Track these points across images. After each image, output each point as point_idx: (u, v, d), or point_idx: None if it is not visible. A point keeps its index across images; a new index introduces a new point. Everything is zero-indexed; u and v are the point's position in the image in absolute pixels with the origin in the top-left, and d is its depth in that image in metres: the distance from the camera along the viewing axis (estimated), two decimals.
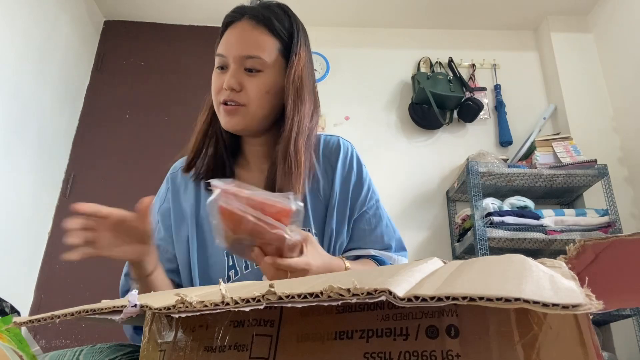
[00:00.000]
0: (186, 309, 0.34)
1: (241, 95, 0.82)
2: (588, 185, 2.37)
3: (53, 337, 2.31)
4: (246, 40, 0.83)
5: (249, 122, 0.84)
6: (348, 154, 0.95)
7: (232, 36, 0.85)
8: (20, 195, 2.29)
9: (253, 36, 0.84)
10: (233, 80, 0.82)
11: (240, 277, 0.85)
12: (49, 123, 2.49)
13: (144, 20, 2.99)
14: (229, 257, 0.86)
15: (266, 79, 0.84)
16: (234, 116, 0.83)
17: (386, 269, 0.46)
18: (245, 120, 0.84)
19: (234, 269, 0.86)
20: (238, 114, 0.83)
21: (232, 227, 0.64)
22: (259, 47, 0.83)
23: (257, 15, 0.85)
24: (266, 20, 0.85)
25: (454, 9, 2.84)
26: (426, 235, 2.50)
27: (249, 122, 0.84)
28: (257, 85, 0.83)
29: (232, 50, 0.83)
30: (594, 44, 2.81)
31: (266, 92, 0.84)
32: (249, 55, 0.82)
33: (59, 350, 0.57)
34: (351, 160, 0.94)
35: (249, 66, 0.83)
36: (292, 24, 0.88)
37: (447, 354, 0.33)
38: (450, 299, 0.27)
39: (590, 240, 0.39)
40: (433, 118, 2.64)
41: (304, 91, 0.86)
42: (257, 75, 0.83)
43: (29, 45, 2.33)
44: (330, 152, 0.94)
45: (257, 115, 0.84)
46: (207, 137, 0.91)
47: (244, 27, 0.84)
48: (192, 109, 3.32)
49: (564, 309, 0.24)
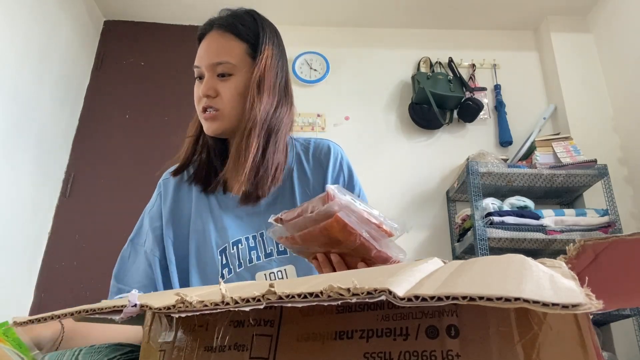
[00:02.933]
0: (186, 308, 0.34)
1: (217, 101, 0.88)
2: (588, 185, 2.37)
3: None
4: (214, 48, 0.89)
5: (227, 125, 0.89)
6: (338, 157, 0.98)
7: (203, 47, 0.91)
8: (20, 195, 2.29)
9: (220, 43, 0.89)
10: (206, 87, 0.87)
11: (234, 275, 0.87)
12: (49, 123, 2.49)
13: (144, 20, 2.99)
14: (222, 255, 0.88)
15: (237, 81, 0.88)
16: (213, 122, 0.88)
17: (386, 269, 0.46)
18: (224, 124, 0.88)
19: (228, 267, 0.88)
20: (217, 119, 0.88)
21: (331, 235, 0.62)
22: (226, 52, 0.88)
23: (223, 24, 0.90)
24: (231, 27, 0.90)
25: (454, 9, 2.84)
26: (426, 235, 2.50)
27: (227, 125, 0.89)
28: (229, 88, 0.88)
29: (204, 60, 0.89)
30: (594, 44, 2.81)
31: (238, 94, 0.88)
32: (219, 62, 0.88)
33: (58, 351, 0.57)
34: (341, 163, 0.98)
35: (220, 71, 0.88)
36: (257, 26, 0.92)
37: (447, 354, 0.33)
38: (450, 299, 0.27)
39: (590, 240, 0.39)
40: (433, 118, 2.64)
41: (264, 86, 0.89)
42: (228, 79, 0.88)
43: (29, 45, 2.33)
44: (320, 154, 0.97)
45: (232, 116, 0.88)
46: (197, 143, 0.96)
47: (213, 37, 0.90)
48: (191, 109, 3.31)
49: (564, 309, 0.24)
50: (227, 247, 0.89)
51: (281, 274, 0.86)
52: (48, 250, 2.48)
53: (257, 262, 0.87)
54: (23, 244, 2.33)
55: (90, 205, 2.57)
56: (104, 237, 2.48)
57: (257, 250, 0.88)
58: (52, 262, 2.45)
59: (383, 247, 0.63)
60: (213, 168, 0.95)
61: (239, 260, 0.87)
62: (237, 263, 0.87)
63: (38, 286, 2.40)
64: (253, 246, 0.89)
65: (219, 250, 0.88)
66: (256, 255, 0.88)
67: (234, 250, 0.88)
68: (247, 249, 0.88)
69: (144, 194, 2.94)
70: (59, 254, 2.47)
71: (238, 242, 0.89)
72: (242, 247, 0.88)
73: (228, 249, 0.88)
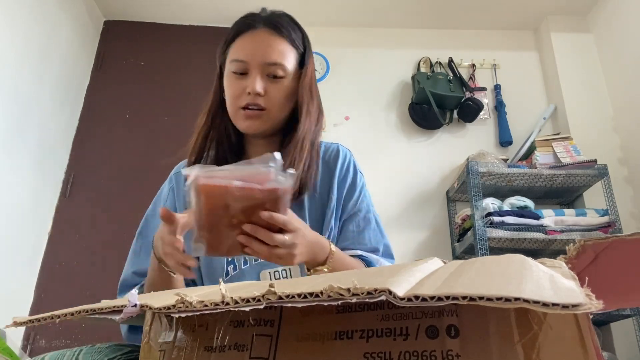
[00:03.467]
0: (186, 308, 0.34)
1: (265, 100, 0.87)
2: (588, 185, 2.37)
3: (53, 337, 2.31)
4: (270, 48, 0.88)
5: (269, 125, 0.89)
6: (346, 159, 0.99)
7: (252, 43, 0.88)
8: (20, 195, 2.29)
9: (276, 44, 0.88)
10: (260, 84, 0.86)
11: (238, 272, 0.87)
12: (49, 123, 2.49)
13: (144, 20, 2.99)
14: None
15: (286, 85, 0.89)
16: (256, 120, 0.87)
17: (386, 269, 0.46)
18: (267, 124, 0.89)
19: (233, 264, 0.88)
20: (260, 118, 0.87)
21: (216, 206, 0.60)
22: (281, 55, 0.88)
23: (274, 25, 0.89)
24: (284, 31, 0.90)
25: (454, 9, 2.84)
26: (426, 235, 2.50)
27: (269, 126, 0.89)
28: (279, 90, 0.88)
29: (255, 57, 0.87)
30: (594, 44, 2.81)
31: (285, 97, 0.89)
32: (273, 63, 0.87)
33: (58, 351, 0.57)
34: (348, 165, 0.99)
35: (272, 72, 0.87)
36: (303, 35, 0.94)
37: (447, 354, 0.33)
38: (450, 299, 0.27)
39: (590, 240, 0.39)
40: (433, 118, 2.64)
41: (314, 96, 0.93)
42: (279, 81, 0.88)
43: (29, 45, 2.33)
44: (329, 158, 0.98)
45: (277, 118, 0.90)
46: (208, 139, 0.94)
47: (264, 36, 0.88)
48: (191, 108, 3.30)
49: (564, 309, 0.24)
50: None
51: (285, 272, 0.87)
52: (48, 250, 2.48)
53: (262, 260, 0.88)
54: (23, 244, 2.33)
55: (90, 205, 2.57)
56: (104, 237, 2.48)
57: None
58: (52, 262, 2.45)
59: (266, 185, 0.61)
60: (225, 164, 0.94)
61: (244, 258, 0.88)
62: (242, 260, 0.88)
63: (38, 286, 2.40)
64: None
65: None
66: None
67: None
68: None
69: (144, 193, 2.93)
70: (59, 254, 2.47)
71: None
72: None
73: None
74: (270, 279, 0.87)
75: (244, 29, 0.90)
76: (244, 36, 0.89)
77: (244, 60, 0.87)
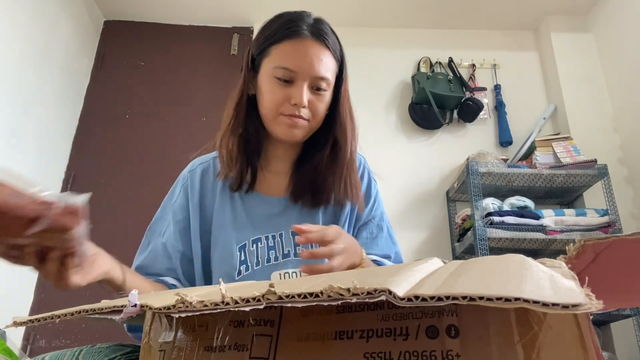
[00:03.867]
0: (186, 308, 0.34)
1: (306, 111, 0.88)
2: (588, 185, 2.37)
3: (53, 337, 2.31)
4: (319, 62, 0.88)
5: (306, 135, 0.91)
6: (361, 167, 1.02)
7: (302, 53, 0.87)
8: None
9: (324, 57, 0.89)
10: (306, 97, 0.87)
11: (250, 272, 0.88)
12: (49, 123, 2.49)
13: (144, 20, 2.99)
14: (241, 252, 0.90)
15: (327, 98, 0.91)
16: (296, 128, 0.89)
17: (386, 269, 0.46)
18: (305, 133, 0.90)
19: (245, 264, 0.89)
20: (300, 127, 0.89)
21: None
22: (328, 69, 0.89)
23: (321, 36, 0.89)
24: (329, 42, 0.90)
25: (454, 9, 2.84)
26: (426, 235, 2.50)
27: (306, 135, 0.91)
28: (322, 103, 0.90)
29: (304, 69, 0.86)
30: (594, 44, 2.81)
31: (325, 109, 0.91)
32: (322, 77, 0.88)
33: (59, 351, 0.57)
34: (363, 172, 1.02)
35: (318, 85, 0.88)
36: (340, 45, 0.95)
37: (447, 353, 0.33)
38: (450, 299, 0.27)
39: (590, 240, 0.39)
40: (433, 118, 2.64)
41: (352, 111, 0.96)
42: (322, 94, 0.89)
43: (29, 45, 2.33)
44: None
45: (314, 129, 0.92)
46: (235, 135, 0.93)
47: (312, 47, 0.88)
48: (191, 108, 3.30)
49: (564, 309, 0.24)
50: (247, 245, 0.90)
51: (296, 274, 0.88)
52: None
53: (275, 261, 0.90)
54: None
55: (90, 205, 2.56)
56: (104, 237, 2.48)
57: (275, 250, 0.90)
58: None
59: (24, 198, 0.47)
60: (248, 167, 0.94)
61: (257, 258, 0.89)
62: (255, 261, 0.89)
63: (38, 286, 2.40)
64: (272, 246, 0.91)
65: (239, 246, 0.90)
66: (274, 255, 0.90)
67: (253, 248, 0.90)
68: (266, 248, 0.90)
69: (144, 193, 2.93)
70: None
71: (258, 240, 0.91)
72: (262, 246, 0.90)
73: (247, 246, 0.90)
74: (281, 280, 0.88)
75: (291, 35, 0.88)
76: (292, 43, 0.87)
77: (292, 70, 0.86)
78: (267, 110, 0.89)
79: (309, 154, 0.95)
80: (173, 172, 1.04)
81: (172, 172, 1.06)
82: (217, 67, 2.85)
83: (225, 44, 2.91)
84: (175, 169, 1.06)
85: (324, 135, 0.94)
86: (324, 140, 0.94)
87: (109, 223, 2.51)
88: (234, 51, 2.88)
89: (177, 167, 1.05)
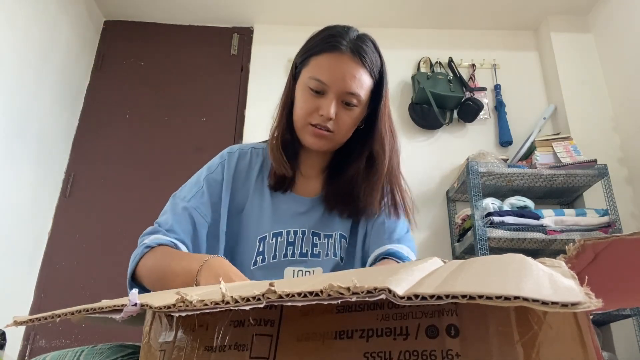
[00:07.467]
0: (186, 307, 0.34)
1: (333, 125, 0.90)
2: (588, 185, 2.37)
3: (53, 337, 2.31)
4: (352, 78, 0.89)
5: (331, 147, 0.94)
6: None
7: (336, 68, 0.89)
8: (20, 195, 2.29)
9: (358, 74, 0.90)
10: (333, 111, 0.89)
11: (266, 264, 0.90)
12: (49, 123, 2.49)
13: (144, 20, 2.99)
14: (260, 243, 0.92)
15: (356, 114, 0.92)
16: (321, 139, 0.91)
17: (386, 269, 0.46)
18: (329, 145, 0.93)
19: (262, 255, 0.91)
20: (326, 139, 0.92)
21: None
22: (360, 85, 0.90)
23: (359, 52, 0.91)
24: (366, 60, 0.91)
25: (454, 9, 2.84)
26: (426, 235, 2.50)
27: (331, 147, 0.94)
28: (350, 118, 0.91)
29: (337, 84, 0.88)
30: (594, 44, 2.81)
31: (353, 124, 0.93)
32: (352, 93, 0.89)
33: (60, 351, 0.57)
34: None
35: (348, 100, 0.90)
36: (382, 63, 0.96)
37: (447, 353, 0.33)
38: (450, 298, 0.27)
39: (590, 240, 0.39)
40: (433, 118, 2.64)
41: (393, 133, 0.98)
42: (351, 109, 0.91)
43: (29, 45, 2.33)
44: None
45: (340, 142, 0.95)
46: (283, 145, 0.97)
47: (348, 63, 0.89)
48: (191, 108, 3.31)
49: (564, 307, 0.24)
50: (267, 237, 0.92)
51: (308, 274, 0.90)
52: (48, 250, 2.48)
53: (292, 257, 0.91)
54: (23, 244, 2.33)
55: (90, 205, 2.57)
56: (104, 237, 2.48)
57: (294, 246, 0.92)
58: (52, 262, 2.45)
59: None
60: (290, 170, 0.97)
61: (275, 252, 0.91)
62: (272, 254, 0.91)
63: (38, 286, 2.40)
64: (292, 241, 0.92)
65: (259, 237, 0.92)
66: (291, 252, 0.92)
67: (272, 241, 0.92)
68: (285, 243, 0.92)
69: (144, 193, 2.93)
70: (59, 254, 2.47)
71: (278, 234, 0.93)
72: (281, 241, 0.92)
73: (267, 238, 0.92)
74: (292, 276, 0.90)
75: (329, 49, 0.90)
76: (329, 56, 0.90)
77: (324, 83, 0.89)
78: (298, 118, 0.93)
79: (342, 163, 0.99)
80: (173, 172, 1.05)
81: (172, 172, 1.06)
82: (217, 67, 2.85)
83: (225, 44, 2.91)
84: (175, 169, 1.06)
85: (359, 148, 0.96)
86: (358, 153, 0.96)
87: (108, 223, 2.51)
88: (234, 51, 2.88)
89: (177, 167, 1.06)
